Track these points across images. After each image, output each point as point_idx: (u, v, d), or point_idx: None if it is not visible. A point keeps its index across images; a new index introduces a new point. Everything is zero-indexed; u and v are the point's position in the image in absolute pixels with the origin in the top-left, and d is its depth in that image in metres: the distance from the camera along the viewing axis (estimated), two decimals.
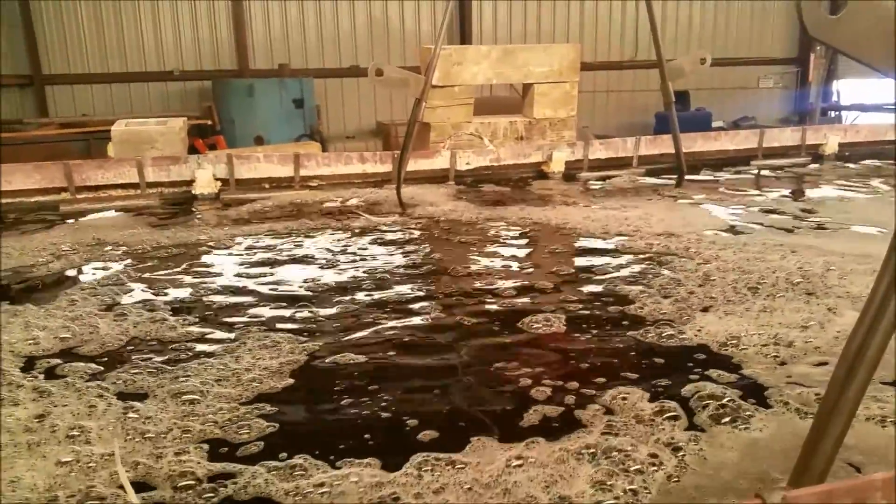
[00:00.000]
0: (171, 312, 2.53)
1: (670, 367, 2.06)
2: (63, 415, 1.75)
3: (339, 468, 1.54)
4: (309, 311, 2.56)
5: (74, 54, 12.73)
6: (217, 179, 4.69)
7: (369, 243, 3.59)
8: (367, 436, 1.70)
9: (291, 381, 1.95)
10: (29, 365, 2.07)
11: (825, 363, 2.04)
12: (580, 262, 3.22)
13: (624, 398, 1.82)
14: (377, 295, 2.76)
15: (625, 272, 2.97)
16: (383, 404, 1.85)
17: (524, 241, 3.68)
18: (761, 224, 3.81)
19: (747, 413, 1.75)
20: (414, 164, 4.85)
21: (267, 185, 4.83)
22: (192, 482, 1.51)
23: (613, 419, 1.72)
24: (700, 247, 3.25)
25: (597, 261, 3.18)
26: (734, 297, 2.58)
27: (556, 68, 5.83)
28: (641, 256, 3.18)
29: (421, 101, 4.28)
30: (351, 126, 14.31)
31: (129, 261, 3.27)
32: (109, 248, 3.47)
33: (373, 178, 5.05)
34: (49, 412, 1.76)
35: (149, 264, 3.22)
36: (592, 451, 1.57)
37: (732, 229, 3.69)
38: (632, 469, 1.51)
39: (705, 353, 2.14)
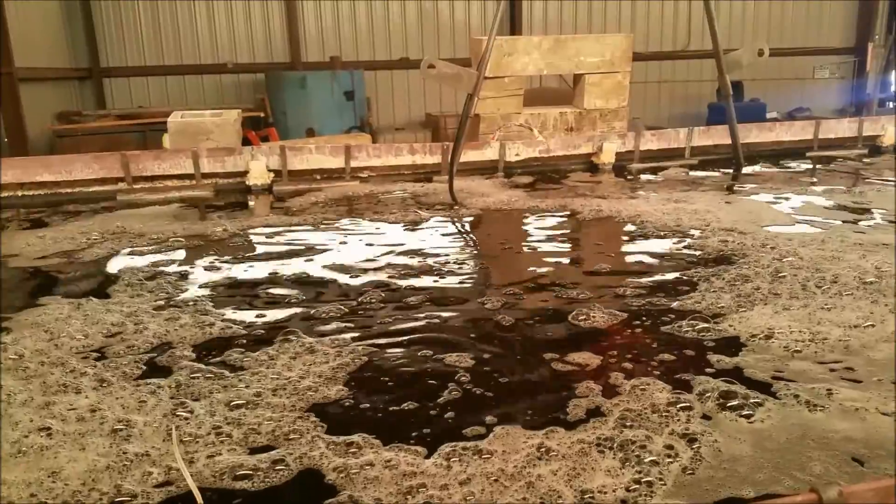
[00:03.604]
0: (221, 311, 2.57)
1: (693, 357, 2.06)
2: (114, 407, 1.79)
3: (388, 450, 1.58)
4: (362, 305, 2.59)
5: (131, 48, 13.03)
6: (270, 170, 4.76)
7: (426, 235, 3.61)
8: (410, 420, 1.74)
9: (343, 386, 1.94)
10: (83, 358, 2.12)
11: (838, 361, 2.00)
12: (653, 254, 3.16)
13: (643, 389, 1.83)
14: (434, 289, 2.77)
15: (696, 266, 2.91)
16: (425, 392, 1.88)
17: (598, 233, 3.66)
18: (830, 219, 3.69)
19: (754, 402, 1.75)
20: (463, 156, 4.84)
21: (318, 177, 4.88)
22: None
23: (630, 408, 1.73)
24: (776, 242, 3.15)
25: (669, 254, 3.15)
26: (800, 294, 2.51)
27: (607, 58, 5.77)
28: (714, 251, 3.11)
29: (473, 97, 4.25)
30: (400, 118, 14.37)
31: (182, 252, 3.34)
32: (161, 237, 3.55)
33: (422, 170, 5.07)
34: (101, 405, 1.81)
35: (204, 255, 3.29)
36: (609, 442, 1.59)
37: (803, 225, 3.58)
38: (647, 460, 1.52)
39: (731, 345, 2.13)
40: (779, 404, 1.75)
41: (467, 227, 3.86)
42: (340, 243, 3.43)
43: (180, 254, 3.28)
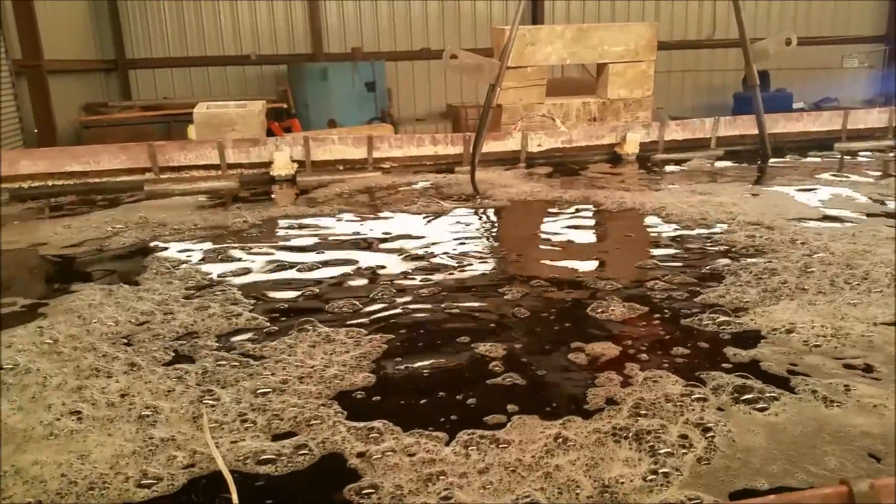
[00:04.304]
0: (247, 301, 2.60)
1: (711, 350, 2.05)
2: (143, 393, 1.83)
3: (409, 436, 1.60)
4: (385, 294, 2.60)
5: (156, 40, 13.16)
6: (293, 161, 4.79)
7: (448, 226, 3.61)
8: (435, 409, 1.75)
9: (371, 374, 1.96)
10: (113, 344, 2.17)
11: (856, 357, 1.97)
12: (677, 248, 3.13)
13: (656, 381, 1.83)
14: (456, 279, 2.79)
15: (722, 260, 2.87)
16: (443, 381, 1.91)
17: (623, 225, 3.64)
18: (860, 212, 3.60)
19: (769, 396, 1.75)
20: (484, 146, 4.83)
21: (341, 167, 4.90)
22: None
23: (644, 398, 1.74)
24: (805, 236, 3.10)
25: (694, 247, 3.12)
26: (827, 289, 2.48)
27: (632, 47, 5.73)
28: (741, 245, 3.07)
29: (496, 87, 4.24)
30: (421, 108, 14.38)
31: (207, 242, 3.39)
32: (186, 227, 3.60)
33: (444, 160, 5.07)
34: (131, 390, 1.85)
35: (229, 246, 3.33)
36: (624, 432, 1.59)
37: (832, 218, 3.51)
38: (662, 451, 1.52)
39: (750, 338, 2.11)
40: (794, 398, 1.74)
41: (490, 218, 3.87)
42: (362, 234, 3.45)
43: (205, 244, 3.32)
